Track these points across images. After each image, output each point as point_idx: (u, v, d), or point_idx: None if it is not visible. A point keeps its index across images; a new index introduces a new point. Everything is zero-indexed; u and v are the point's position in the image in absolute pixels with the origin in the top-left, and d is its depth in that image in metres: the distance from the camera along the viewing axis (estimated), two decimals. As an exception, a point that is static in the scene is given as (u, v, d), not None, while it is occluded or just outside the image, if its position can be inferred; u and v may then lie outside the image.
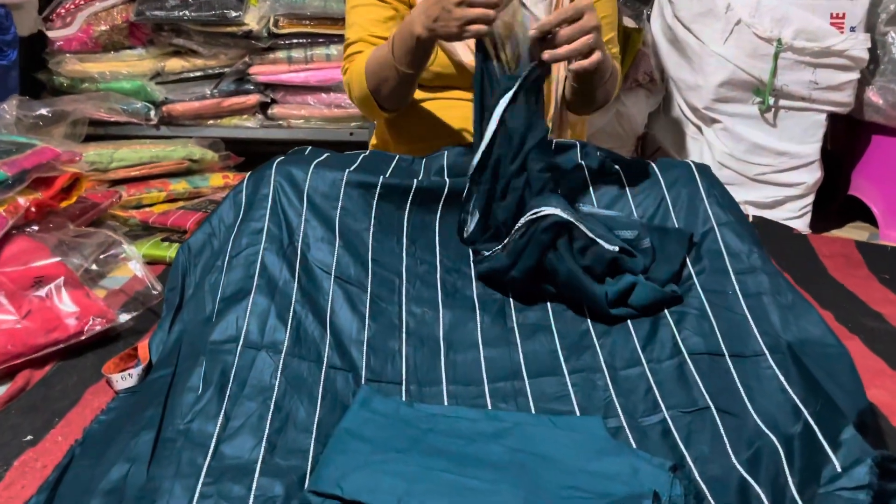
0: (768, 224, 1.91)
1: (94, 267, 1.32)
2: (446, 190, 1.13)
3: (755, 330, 0.96)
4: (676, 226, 1.13)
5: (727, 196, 1.16)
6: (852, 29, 1.79)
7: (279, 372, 0.92)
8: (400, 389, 0.95)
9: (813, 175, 1.92)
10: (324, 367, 0.95)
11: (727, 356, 0.94)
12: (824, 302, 1.48)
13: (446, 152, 1.22)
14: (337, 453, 0.83)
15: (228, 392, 0.89)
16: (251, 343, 0.94)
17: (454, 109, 1.34)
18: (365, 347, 0.99)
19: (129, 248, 1.34)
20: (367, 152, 1.27)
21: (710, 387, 0.91)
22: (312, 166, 1.13)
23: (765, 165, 1.92)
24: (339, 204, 1.06)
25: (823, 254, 1.76)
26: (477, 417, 0.90)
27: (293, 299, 1.00)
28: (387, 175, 1.16)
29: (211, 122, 2.21)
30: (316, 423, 0.89)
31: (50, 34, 2.07)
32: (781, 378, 0.90)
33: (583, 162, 1.22)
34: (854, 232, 2.02)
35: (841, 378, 0.89)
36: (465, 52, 1.27)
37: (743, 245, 1.07)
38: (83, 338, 1.20)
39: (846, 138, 2.10)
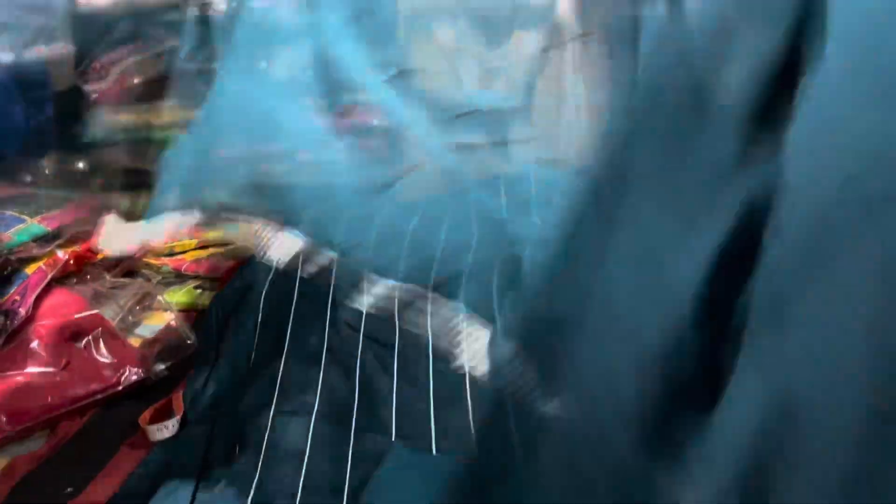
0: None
1: (129, 318, 1.35)
2: None
3: None
4: None
5: None
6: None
7: (310, 435, 0.93)
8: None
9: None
10: (352, 429, 0.96)
11: None
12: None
13: None
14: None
15: (262, 455, 0.91)
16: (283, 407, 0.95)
17: None
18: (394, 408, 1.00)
19: (164, 299, 1.37)
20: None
21: None
22: None
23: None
24: None
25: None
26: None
27: (323, 361, 1.02)
28: None
29: (239, 167, 2.25)
30: (347, 482, 0.91)
31: (85, 87, 2.12)
32: None
33: None
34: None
35: None
36: None
37: None
38: (120, 388, 1.23)
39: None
